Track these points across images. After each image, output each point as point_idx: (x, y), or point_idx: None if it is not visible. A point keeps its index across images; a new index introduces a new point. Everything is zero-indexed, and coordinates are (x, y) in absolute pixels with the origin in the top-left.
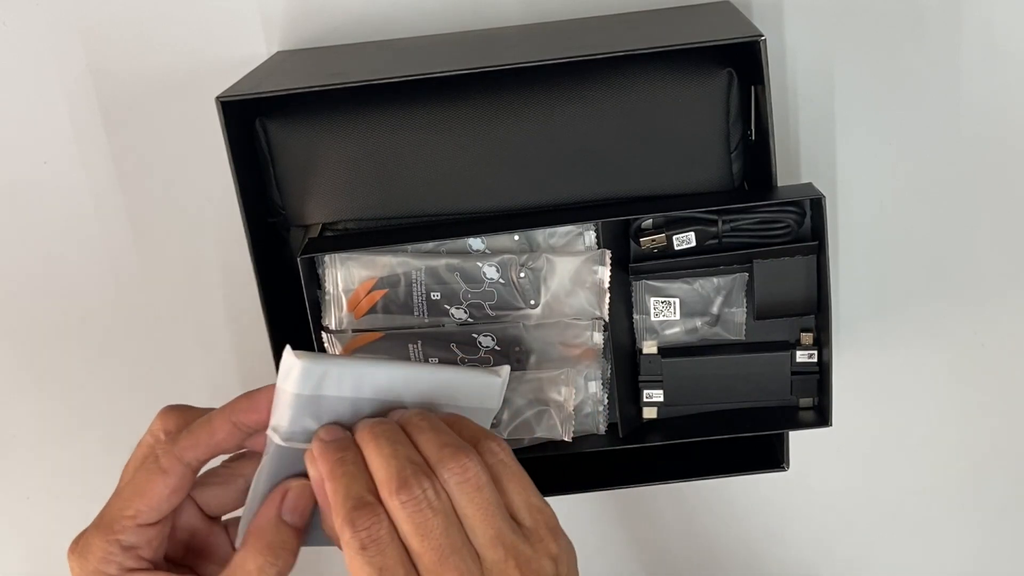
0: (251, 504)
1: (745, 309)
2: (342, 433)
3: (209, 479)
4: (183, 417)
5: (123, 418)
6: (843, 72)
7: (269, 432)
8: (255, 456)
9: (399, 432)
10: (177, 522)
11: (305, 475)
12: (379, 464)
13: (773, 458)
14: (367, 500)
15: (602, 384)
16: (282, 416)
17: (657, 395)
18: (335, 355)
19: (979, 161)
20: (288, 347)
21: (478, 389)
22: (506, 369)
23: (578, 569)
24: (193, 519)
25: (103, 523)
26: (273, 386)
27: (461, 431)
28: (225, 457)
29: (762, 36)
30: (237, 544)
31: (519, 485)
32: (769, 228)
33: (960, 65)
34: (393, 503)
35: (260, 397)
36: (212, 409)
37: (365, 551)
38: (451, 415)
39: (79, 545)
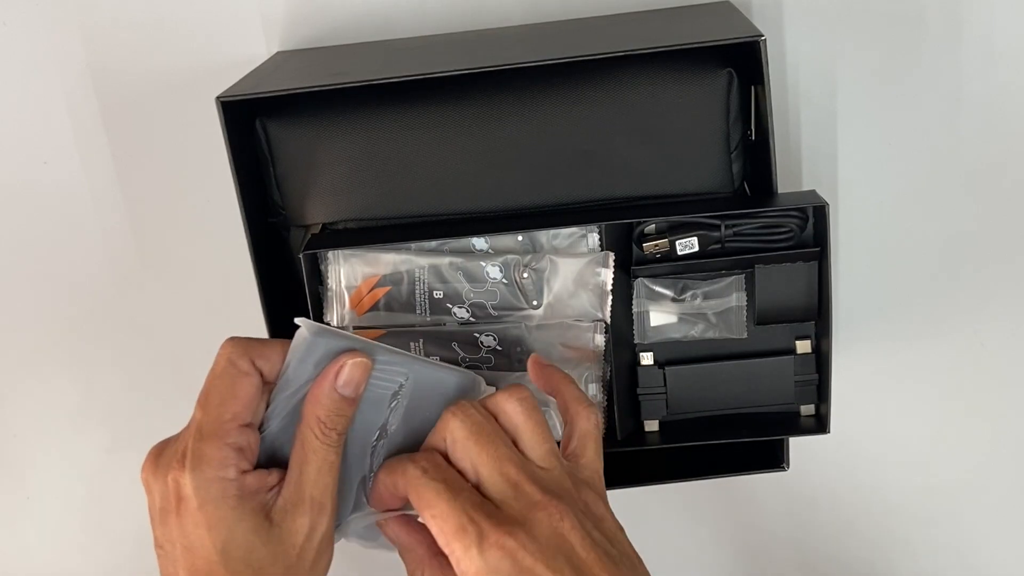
0: (281, 390)
1: (745, 308)
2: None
3: None
4: (248, 343)
5: (123, 418)
6: (843, 72)
7: (299, 321)
8: None
9: None
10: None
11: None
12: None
13: (773, 458)
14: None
15: (602, 386)
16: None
17: (659, 408)
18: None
19: (979, 161)
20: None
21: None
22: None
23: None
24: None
25: (207, 432)
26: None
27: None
28: None
29: (762, 36)
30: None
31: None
32: (772, 233)
33: (960, 65)
34: (446, 425)
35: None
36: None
37: (426, 474)
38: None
39: (188, 460)
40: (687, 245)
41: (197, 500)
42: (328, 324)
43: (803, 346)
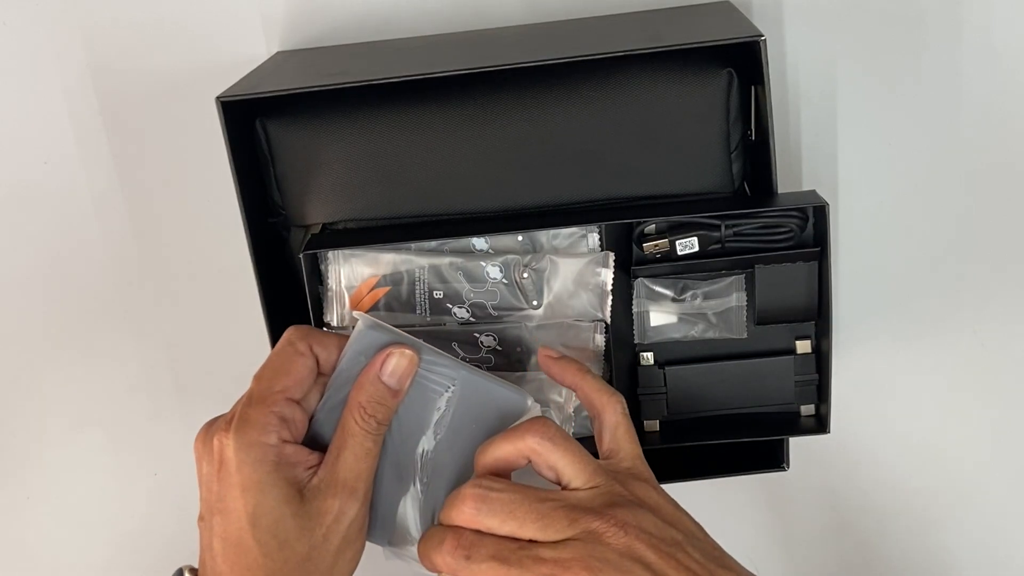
0: (335, 379)
1: (745, 308)
2: None
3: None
4: (310, 329)
5: (123, 418)
6: (843, 72)
7: (356, 314)
8: None
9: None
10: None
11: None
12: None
13: (773, 458)
14: (451, 529)
15: None
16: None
17: (659, 408)
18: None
19: (979, 161)
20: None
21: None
22: (536, 406)
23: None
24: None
25: (256, 399)
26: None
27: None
28: None
29: (762, 36)
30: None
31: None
32: (772, 233)
33: (960, 65)
34: (462, 511)
35: None
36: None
37: (471, 560)
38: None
39: (233, 423)
40: (687, 245)
41: (236, 461)
42: (382, 323)
43: (803, 346)
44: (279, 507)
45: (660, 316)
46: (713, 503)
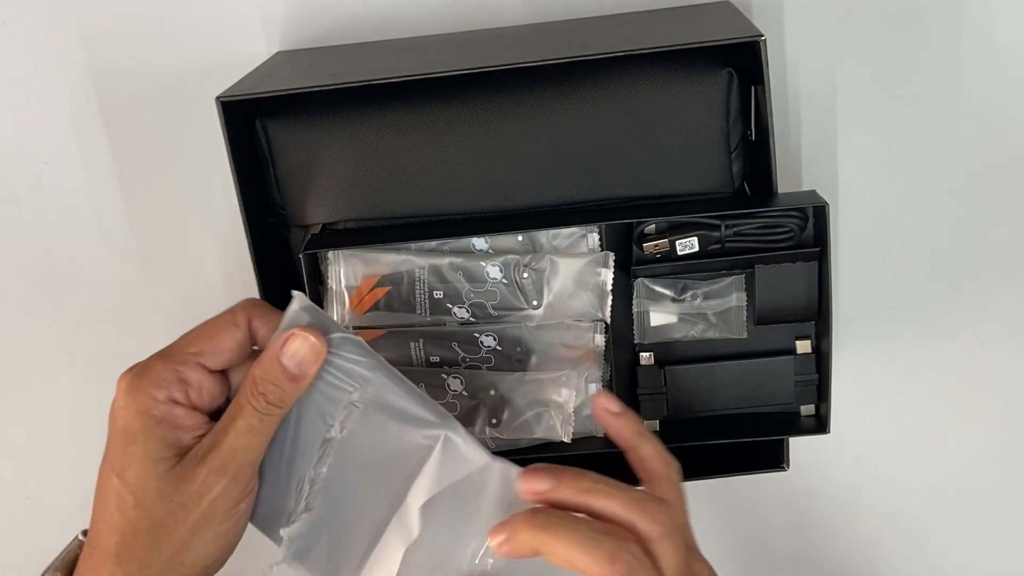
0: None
1: (745, 308)
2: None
3: None
4: (256, 304)
5: None
6: (843, 72)
7: (294, 293)
8: None
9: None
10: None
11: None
12: (576, 550)
13: (773, 458)
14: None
15: (602, 386)
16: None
17: (659, 408)
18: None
19: (979, 161)
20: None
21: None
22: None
23: None
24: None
25: (166, 353)
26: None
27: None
28: None
29: (762, 36)
30: None
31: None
32: (772, 233)
33: (960, 65)
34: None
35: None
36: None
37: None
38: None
39: (136, 368)
40: (687, 245)
41: (122, 404)
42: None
43: (803, 346)
44: (145, 463)
45: (660, 316)
46: (713, 503)
